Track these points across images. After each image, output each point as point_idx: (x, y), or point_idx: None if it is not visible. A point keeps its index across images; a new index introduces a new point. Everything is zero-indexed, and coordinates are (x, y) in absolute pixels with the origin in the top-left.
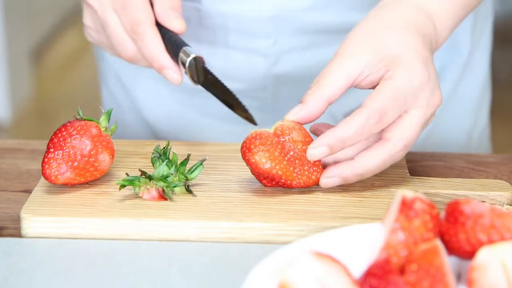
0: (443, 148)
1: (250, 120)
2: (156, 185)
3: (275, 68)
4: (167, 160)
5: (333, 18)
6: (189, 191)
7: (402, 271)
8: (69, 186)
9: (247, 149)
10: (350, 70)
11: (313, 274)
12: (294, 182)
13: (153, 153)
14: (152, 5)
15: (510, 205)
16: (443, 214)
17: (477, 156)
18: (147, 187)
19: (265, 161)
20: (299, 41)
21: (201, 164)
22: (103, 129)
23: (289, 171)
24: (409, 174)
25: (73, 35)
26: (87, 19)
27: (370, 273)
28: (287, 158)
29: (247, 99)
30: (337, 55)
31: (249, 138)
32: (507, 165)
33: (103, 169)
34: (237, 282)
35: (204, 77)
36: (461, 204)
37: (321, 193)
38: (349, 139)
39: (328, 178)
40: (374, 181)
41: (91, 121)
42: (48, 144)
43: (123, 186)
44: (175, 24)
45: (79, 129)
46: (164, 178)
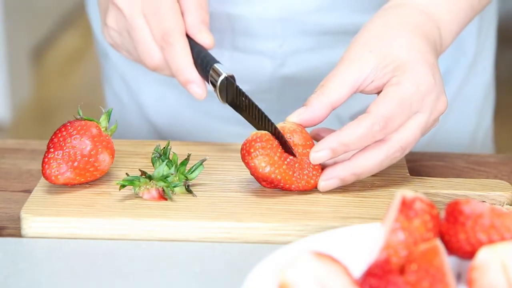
0: (447, 149)
1: (288, 151)
2: (156, 185)
3: (281, 69)
4: (167, 160)
5: (339, 19)
6: (189, 191)
7: (402, 271)
8: (69, 186)
9: (246, 152)
10: (355, 76)
11: (313, 274)
12: (293, 185)
13: (153, 153)
14: (182, 15)
15: (510, 205)
16: (443, 214)
17: (477, 156)
18: (147, 187)
19: (265, 165)
20: (306, 43)
21: (201, 164)
22: (103, 129)
23: (288, 175)
24: (409, 174)
25: (73, 35)
26: (111, 20)
27: (370, 273)
28: (286, 162)
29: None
30: (342, 60)
31: (249, 140)
32: (507, 165)
33: (103, 169)
34: (237, 282)
35: (235, 97)
36: (461, 204)
37: (321, 193)
38: (352, 144)
39: (325, 180)
40: (374, 181)
41: (91, 121)
42: (48, 144)
43: (123, 186)
44: (205, 38)
45: (79, 129)
46: (164, 178)
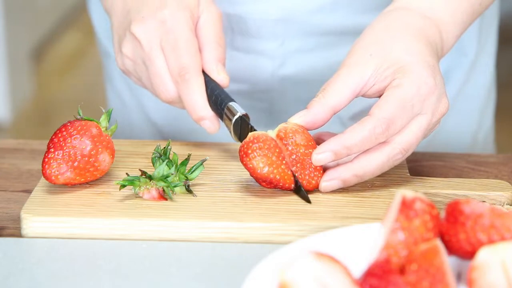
0: (448, 150)
1: (304, 197)
2: (156, 185)
3: (281, 69)
4: (167, 160)
5: (340, 20)
6: (189, 191)
7: (402, 271)
8: (69, 186)
9: (244, 154)
10: (356, 80)
11: (313, 274)
12: (292, 185)
13: (153, 153)
14: (200, 50)
15: (510, 205)
16: (443, 214)
17: (477, 156)
18: (147, 187)
19: (263, 166)
20: (306, 43)
21: (201, 164)
22: (103, 129)
23: (287, 174)
24: (409, 174)
25: (74, 35)
26: (127, 49)
27: (370, 273)
28: (285, 161)
29: (252, 101)
30: (343, 65)
31: (246, 141)
32: (507, 165)
33: (103, 169)
34: (237, 282)
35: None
36: (461, 204)
37: (321, 193)
38: (354, 146)
39: (327, 181)
40: (374, 181)
41: (91, 121)
42: (48, 144)
43: (123, 186)
44: (222, 78)
45: (79, 129)
46: (164, 178)
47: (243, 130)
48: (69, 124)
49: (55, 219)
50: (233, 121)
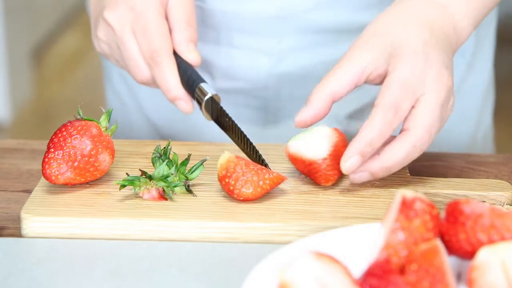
0: (447, 149)
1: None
2: (156, 185)
3: (278, 67)
4: (167, 160)
5: (337, 17)
6: (189, 191)
7: (402, 271)
8: (69, 186)
9: (231, 191)
10: (355, 69)
11: (313, 274)
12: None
13: (153, 153)
14: (170, 32)
15: (510, 205)
16: (443, 214)
17: (477, 156)
18: (147, 187)
19: (250, 190)
20: (303, 41)
21: (202, 164)
22: (103, 129)
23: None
24: (409, 174)
25: (74, 35)
26: (101, 33)
27: (370, 273)
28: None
29: (249, 98)
30: (345, 54)
31: (222, 176)
32: (507, 165)
33: (103, 169)
34: (237, 282)
35: (219, 117)
36: (461, 204)
37: (321, 193)
38: (375, 140)
39: (357, 173)
40: (374, 181)
41: (91, 121)
42: (48, 144)
43: (123, 186)
44: (193, 57)
45: (79, 129)
46: (164, 178)
47: (213, 110)
48: (69, 124)
49: (55, 219)
50: (203, 103)
